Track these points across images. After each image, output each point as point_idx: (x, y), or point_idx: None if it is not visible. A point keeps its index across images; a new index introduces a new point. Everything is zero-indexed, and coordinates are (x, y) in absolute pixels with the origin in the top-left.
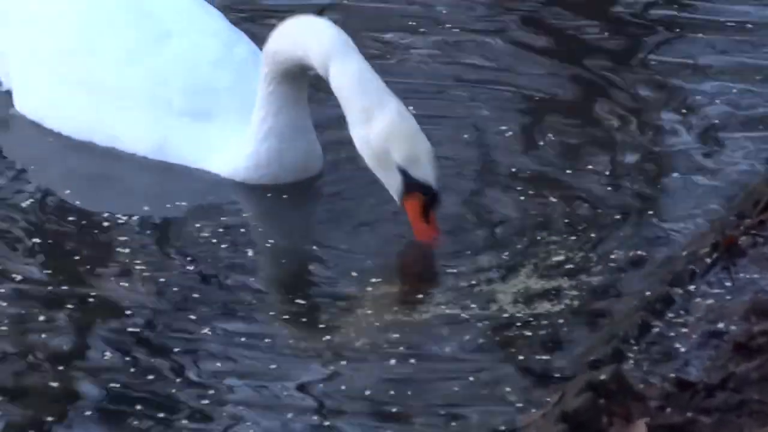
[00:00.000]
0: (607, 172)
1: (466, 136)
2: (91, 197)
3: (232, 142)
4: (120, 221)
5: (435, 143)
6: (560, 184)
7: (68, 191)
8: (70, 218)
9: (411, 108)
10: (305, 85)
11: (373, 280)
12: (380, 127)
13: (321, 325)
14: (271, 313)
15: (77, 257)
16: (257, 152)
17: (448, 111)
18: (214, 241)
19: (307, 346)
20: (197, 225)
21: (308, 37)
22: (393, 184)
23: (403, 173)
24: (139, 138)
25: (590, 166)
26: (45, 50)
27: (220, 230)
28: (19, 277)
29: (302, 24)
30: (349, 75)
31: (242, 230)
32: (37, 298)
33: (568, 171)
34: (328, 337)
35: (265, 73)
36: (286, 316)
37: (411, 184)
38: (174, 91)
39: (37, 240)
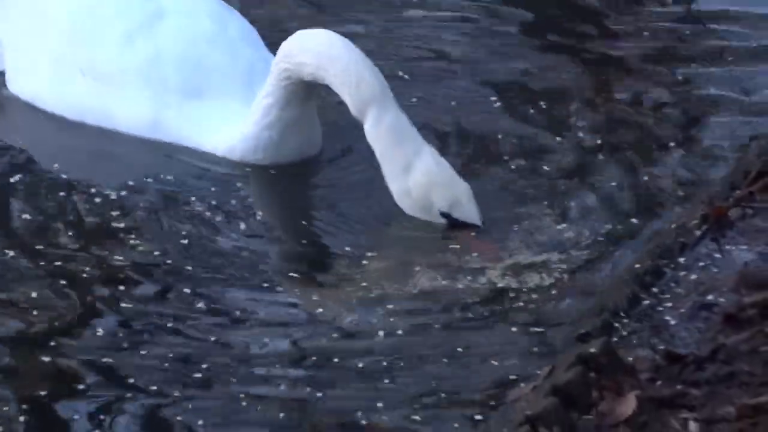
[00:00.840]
0: (596, 145)
1: (453, 103)
2: (84, 175)
3: (230, 120)
4: (113, 198)
5: (422, 120)
6: (549, 157)
7: (62, 169)
8: (62, 194)
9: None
10: (320, 87)
11: (365, 254)
12: (420, 179)
13: (314, 298)
14: (264, 285)
15: (70, 233)
16: (257, 137)
17: (436, 85)
18: (208, 214)
19: (300, 319)
20: (191, 202)
21: (342, 70)
22: (438, 223)
23: (447, 217)
24: (135, 117)
25: (580, 139)
26: (39, 31)
27: (215, 206)
28: (11, 253)
29: (335, 50)
30: (386, 127)
31: (237, 207)
32: (30, 274)
33: (557, 141)
34: (320, 310)
35: (282, 68)
36: (280, 289)
37: (457, 225)
38: (169, 69)
39: (28, 217)
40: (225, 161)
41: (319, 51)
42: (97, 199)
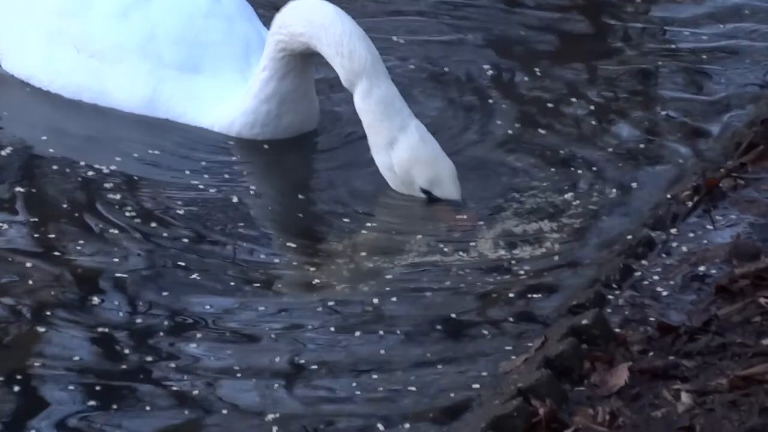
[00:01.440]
0: (588, 117)
1: (445, 70)
2: (79, 152)
3: (227, 96)
4: (106, 173)
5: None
6: (542, 128)
7: (56, 147)
8: (56, 169)
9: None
10: (313, 61)
11: (360, 227)
12: (402, 155)
13: (308, 269)
14: (261, 258)
15: (65, 206)
16: (256, 111)
17: (431, 57)
18: (201, 187)
19: (293, 290)
20: (186, 177)
21: (334, 40)
22: (418, 197)
23: (427, 194)
24: (131, 94)
25: (572, 110)
26: (30, 8)
27: (210, 181)
28: (5, 226)
29: (328, 18)
30: (375, 99)
31: (233, 182)
32: (24, 252)
33: (551, 112)
34: (316, 281)
35: (277, 40)
36: (276, 261)
37: (436, 200)
38: (164, 45)
39: (21, 190)
40: (221, 137)
41: (312, 20)
42: (90, 174)
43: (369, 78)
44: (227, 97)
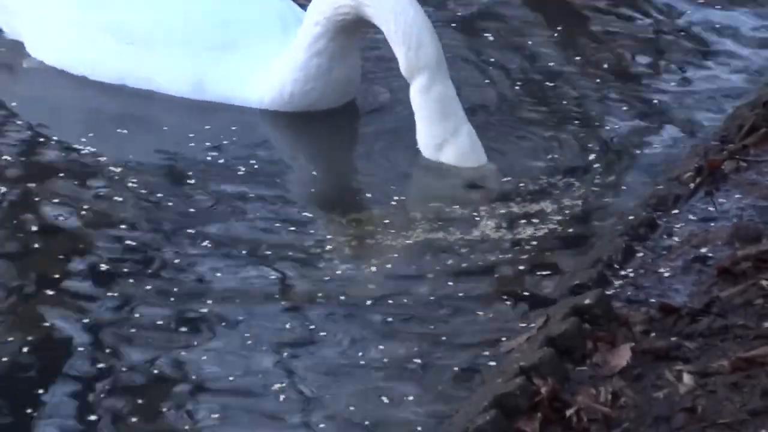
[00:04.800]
0: (591, 97)
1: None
2: (117, 139)
3: (269, 71)
4: (154, 161)
5: None
6: (543, 110)
7: (91, 134)
8: (100, 158)
9: None
10: (359, 36)
11: (358, 207)
12: (450, 157)
13: (310, 250)
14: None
15: (105, 191)
16: (307, 65)
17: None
18: (243, 167)
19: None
20: (229, 157)
21: (403, 29)
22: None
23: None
24: (176, 77)
25: (576, 91)
26: None
27: (251, 161)
28: (61, 216)
29: (401, 4)
30: (433, 97)
31: (272, 155)
32: (71, 235)
33: (554, 92)
34: (321, 265)
35: (340, 3)
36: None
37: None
38: (204, 27)
39: (69, 180)
40: (263, 116)
41: (383, 2)
42: (130, 160)
43: (432, 74)
44: (271, 70)
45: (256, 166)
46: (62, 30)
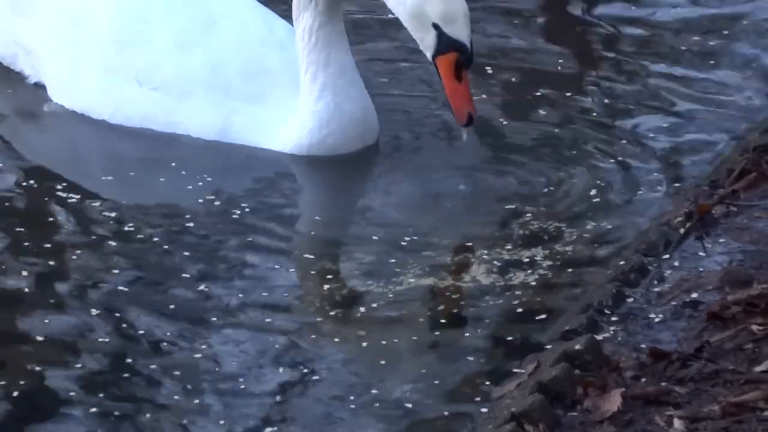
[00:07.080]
0: (582, 140)
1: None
2: (142, 181)
3: (292, 117)
4: (177, 204)
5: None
6: (535, 155)
7: (115, 177)
8: (120, 201)
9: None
10: (342, 25)
11: (348, 250)
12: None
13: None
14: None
15: (132, 229)
16: (317, 112)
17: (421, 79)
18: (267, 205)
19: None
20: (252, 200)
21: None
22: (427, 43)
23: (438, 31)
24: (202, 123)
25: (569, 125)
26: (83, 41)
27: (274, 204)
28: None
29: None
30: None
31: (294, 200)
32: (89, 277)
33: (543, 134)
34: (311, 309)
35: (304, 27)
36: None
37: (445, 43)
38: (231, 74)
39: (85, 225)
40: (289, 160)
41: None
42: (156, 204)
43: None
44: (291, 120)
45: (266, 212)
46: (86, 75)
